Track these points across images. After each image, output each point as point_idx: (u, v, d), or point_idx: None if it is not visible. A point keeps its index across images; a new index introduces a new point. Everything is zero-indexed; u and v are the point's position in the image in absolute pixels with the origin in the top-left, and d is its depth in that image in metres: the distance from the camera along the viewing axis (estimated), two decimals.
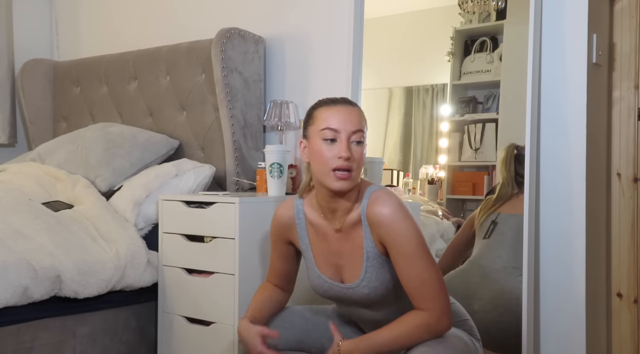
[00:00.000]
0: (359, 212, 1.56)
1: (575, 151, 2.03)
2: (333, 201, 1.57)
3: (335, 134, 1.52)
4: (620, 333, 2.20)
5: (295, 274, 1.79)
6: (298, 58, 2.68)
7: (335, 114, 1.53)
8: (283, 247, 1.74)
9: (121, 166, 2.58)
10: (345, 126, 1.52)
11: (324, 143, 1.52)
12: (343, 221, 1.58)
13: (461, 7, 2.42)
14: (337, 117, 1.52)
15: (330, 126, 1.52)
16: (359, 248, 1.56)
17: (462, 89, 2.48)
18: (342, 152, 1.50)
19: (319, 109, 1.57)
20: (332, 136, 1.52)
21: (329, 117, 1.53)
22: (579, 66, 2.03)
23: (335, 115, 1.53)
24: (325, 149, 1.52)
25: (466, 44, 2.48)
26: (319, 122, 1.54)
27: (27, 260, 1.98)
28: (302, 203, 1.68)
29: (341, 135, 1.52)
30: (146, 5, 3.26)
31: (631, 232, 2.18)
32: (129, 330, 2.28)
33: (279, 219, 1.71)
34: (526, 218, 2.00)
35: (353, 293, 1.59)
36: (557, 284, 2.06)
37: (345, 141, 1.51)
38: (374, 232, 1.53)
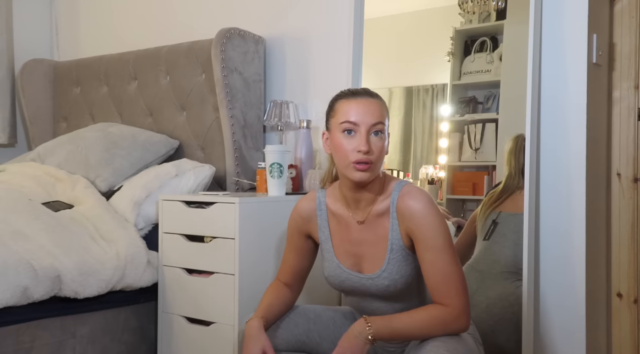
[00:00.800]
0: (387, 204, 1.57)
1: (575, 151, 2.03)
2: (357, 192, 1.59)
3: (355, 127, 1.53)
4: (620, 333, 2.20)
5: (307, 272, 1.79)
6: (298, 58, 2.69)
7: (354, 106, 1.53)
8: (300, 241, 1.75)
9: (121, 166, 2.59)
10: (365, 118, 1.52)
11: (344, 136, 1.53)
12: (367, 212, 1.60)
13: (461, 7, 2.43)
14: (356, 110, 1.53)
15: (349, 119, 1.52)
16: (383, 239, 1.58)
17: (462, 89, 2.48)
18: (360, 146, 1.51)
19: (340, 101, 1.57)
20: (351, 128, 1.53)
21: (349, 110, 1.53)
22: (579, 66, 2.03)
23: (355, 108, 1.53)
24: (345, 142, 1.53)
25: (466, 44, 2.48)
26: (339, 115, 1.55)
27: (27, 260, 1.98)
28: (324, 194, 1.70)
29: (360, 128, 1.52)
30: (146, 6, 3.26)
31: (631, 232, 2.18)
32: (129, 330, 2.28)
33: (300, 211, 1.73)
34: (526, 218, 2.00)
35: (372, 284, 1.59)
36: (557, 285, 2.06)
37: (365, 134, 1.52)
38: (403, 224, 1.55)
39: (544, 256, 2.08)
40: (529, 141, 2.02)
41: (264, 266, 2.14)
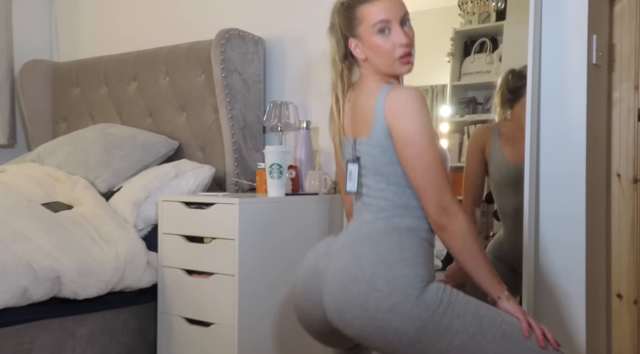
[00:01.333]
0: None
1: (575, 151, 2.03)
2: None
3: (388, 24, 1.56)
4: (620, 334, 2.20)
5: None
6: (298, 59, 2.68)
7: (381, 5, 1.56)
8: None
9: (121, 166, 2.58)
10: (394, 13, 1.57)
11: (380, 37, 1.56)
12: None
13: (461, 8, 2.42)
14: (383, 8, 1.56)
15: (382, 18, 1.55)
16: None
17: (461, 89, 2.48)
18: (401, 39, 1.55)
19: (362, 6, 1.58)
20: (385, 27, 1.56)
21: (378, 11, 1.56)
22: (578, 67, 2.03)
23: (381, 6, 1.56)
24: (383, 42, 1.56)
25: (466, 45, 2.48)
26: (370, 18, 1.56)
27: (26, 261, 1.98)
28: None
29: (393, 23, 1.56)
30: (146, 6, 3.26)
31: (631, 233, 2.18)
32: (128, 331, 2.28)
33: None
34: (526, 218, 2.00)
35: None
36: (556, 285, 2.06)
37: (399, 28, 1.56)
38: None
39: (543, 256, 2.08)
40: (528, 141, 2.02)
41: (264, 266, 2.13)
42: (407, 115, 1.49)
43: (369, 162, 1.57)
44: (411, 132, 1.49)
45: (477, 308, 1.47)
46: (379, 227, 1.55)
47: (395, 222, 1.55)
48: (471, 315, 1.45)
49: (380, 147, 1.54)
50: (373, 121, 1.53)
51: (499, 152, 2.18)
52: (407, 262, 1.47)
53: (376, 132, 1.53)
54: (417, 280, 1.45)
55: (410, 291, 1.43)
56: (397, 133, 1.50)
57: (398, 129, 1.50)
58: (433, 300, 1.43)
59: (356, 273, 1.48)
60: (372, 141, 1.55)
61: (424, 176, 1.49)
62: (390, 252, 1.49)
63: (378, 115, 1.52)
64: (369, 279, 1.46)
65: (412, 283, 1.44)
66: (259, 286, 2.11)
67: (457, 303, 1.45)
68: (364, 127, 1.56)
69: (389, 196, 1.56)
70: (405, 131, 1.49)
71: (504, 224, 2.21)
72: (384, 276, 1.45)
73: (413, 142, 1.49)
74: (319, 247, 1.65)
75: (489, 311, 1.47)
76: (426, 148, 1.48)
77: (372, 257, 1.49)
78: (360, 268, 1.48)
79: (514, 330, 1.46)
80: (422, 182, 1.50)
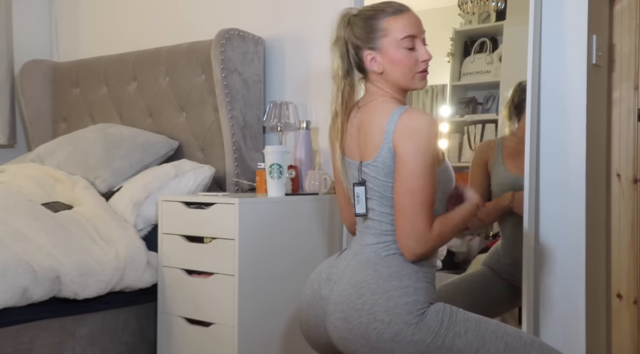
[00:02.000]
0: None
1: (575, 151, 2.03)
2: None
3: (414, 40, 1.58)
4: (620, 334, 2.20)
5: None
6: (298, 59, 2.68)
7: (407, 20, 1.58)
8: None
9: (121, 166, 2.58)
10: (419, 29, 1.60)
11: (405, 51, 1.58)
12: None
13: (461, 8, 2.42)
14: (411, 23, 1.58)
15: (409, 33, 1.57)
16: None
17: (461, 89, 2.48)
18: (424, 55, 1.59)
19: (388, 19, 1.58)
20: (412, 43, 1.58)
21: (407, 25, 1.58)
22: (578, 67, 2.03)
23: (407, 21, 1.58)
24: (407, 56, 1.58)
25: (466, 45, 2.47)
26: (396, 32, 1.57)
27: (26, 261, 1.98)
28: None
29: (418, 39, 1.59)
30: (146, 6, 3.26)
31: (631, 233, 2.18)
32: (128, 331, 2.28)
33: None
34: (526, 218, 2.00)
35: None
36: (556, 285, 2.06)
37: (422, 44, 1.60)
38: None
39: (543, 256, 2.08)
40: (528, 141, 2.02)
41: (264, 266, 2.13)
42: (413, 137, 1.48)
43: (375, 185, 1.55)
44: (410, 152, 1.47)
45: (478, 323, 1.48)
46: (379, 253, 1.54)
47: (396, 247, 1.54)
48: (472, 331, 1.46)
49: (385, 171, 1.53)
50: (381, 143, 1.52)
51: (500, 165, 2.18)
52: (406, 290, 1.47)
53: (383, 155, 1.52)
54: (416, 307, 1.45)
55: (411, 318, 1.44)
56: (398, 152, 1.49)
57: (401, 149, 1.49)
58: (434, 323, 1.44)
59: (356, 303, 1.48)
60: (378, 164, 1.53)
61: (405, 197, 1.47)
62: (390, 281, 1.49)
63: (387, 136, 1.51)
64: (369, 309, 1.46)
65: (412, 310, 1.45)
66: (259, 286, 2.11)
67: (458, 322, 1.46)
68: (370, 150, 1.55)
69: (393, 221, 1.54)
70: (406, 150, 1.48)
71: (502, 235, 2.21)
72: (384, 305, 1.45)
73: (408, 162, 1.47)
74: (321, 270, 1.64)
75: (489, 325, 1.48)
76: (418, 172, 1.46)
77: (371, 286, 1.49)
78: (360, 298, 1.48)
79: (516, 341, 1.47)
80: (400, 205, 1.48)
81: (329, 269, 1.62)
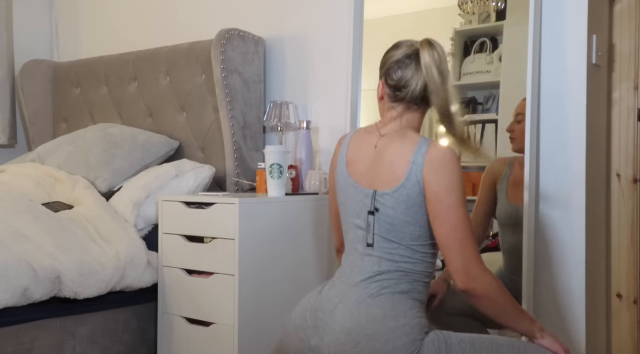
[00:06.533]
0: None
1: (575, 151, 2.03)
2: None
3: None
4: (620, 334, 2.20)
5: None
6: (298, 58, 2.69)
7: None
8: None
9: (121, 166, 2.59)
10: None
11: None
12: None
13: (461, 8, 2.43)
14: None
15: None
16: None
17: (461, 89, 2.48)
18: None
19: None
20: None
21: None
22: (578, 67, 2.03)
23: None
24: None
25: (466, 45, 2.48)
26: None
27: (26, 261, 1.98)
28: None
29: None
30: (146, 6, 3.26)
31: (631, 232, 2.18)
32: (128, 331, 2.28)
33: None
34: (526, 218, 2.01)
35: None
36: (556, 285, 2.06)
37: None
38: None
39: (543, 256, 2.08)
40: (528, 141, 2.02)
41: (264, 266, 2.14)
42: (447, 172, 1.47)
43: (389, 216, 1.51)
44: (447, 188, 1.46)
45: (472, 343, 1.47)
46: (370, 294, 1.50)
47: (387, 286, 1.51)
48: (469, 352, 1.45)
49: (407, 203, 1.50)
50: (406, 174, 1.49)
51: (503, 192, 2.19)
52: (404, 330, 1.44)
53: (408, 187, 1.49)
54: (414, 345, 1.43)
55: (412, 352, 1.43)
56: (433, 188, 1.47)
57: (435, 184, 1.47)
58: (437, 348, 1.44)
59: (353, 352, 1.44)
60: (400, 196, 1.50)
61: (450, 234, 1.46)
62: (385, 323, 1.45)
63: (415, 168, 1.49)
64: None
65: (411, 348, 1.43)
66: (259, 286, 2.11)
67: (453, 346, 1.45)
68: (389, 179, 1.52)
69: (395, 258, 1.52)
70: (443, 186, 1.47)
71: (503, 257, 2.21)
72: (383, 350, 1.43)
73: (446, 197, 1.46)
74: (305, 315, 1.57)
75: (482, 342, 1.48)
76: (457, 206, 1.46)
77: (367, 332, 1.45)
78: (357, 347, 1.44)
79: (510, 350, 1.48)
80: (447, 241, 1.47)
81: (313, 313, 1.55)
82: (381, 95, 1.63)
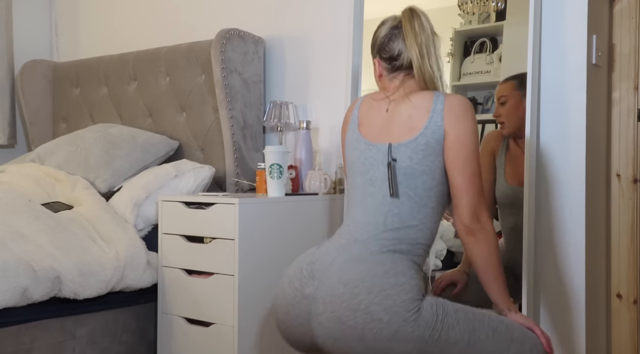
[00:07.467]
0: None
1: (575, 151, 2.03)
2: None
3: None
4: (620, 334, 2.20)
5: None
6: (298, 59, 2.69)
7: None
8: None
9: (121, 166, 2.58)
10: None
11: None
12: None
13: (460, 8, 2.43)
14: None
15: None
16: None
17: (461, 89, 2.47)
18: None
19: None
20: None
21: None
22: (578, 67, 2.03)
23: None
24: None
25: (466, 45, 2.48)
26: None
27: (26, 261, 1.98)
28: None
29: None
30: (146, 6, 3.26)
31: (631, 233, 2.18)
32: (128, 331, 2.28)
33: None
34: (526, 218, 2.01)
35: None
36: (556, 285, 2.06)
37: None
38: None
39: (543, 256, 2.08)
40: (528, 141, 2.02)
41: (264, 266, 2.14)
42: (468, 118, 1.54)
43: (404, 167, 1.54)
44: (469, 134, 1.53)
45: (466, 313, 1.48)
46: (371, 250, 1.51)
47: (388, 245, 1.52)
48: (463, 321, 1.46)
49: (425, 152, 1.53)
50: (425, 123, 1.54)
51: (502, 169, 2.20)
52: (403, 288, 1.45)
53: (427, 135, 1.53)
54: (413, 304, 1.43)
55: (409, 315, 1.42)
56: (455, 134, 1.52)
57: (457, 129, 1.52)
58: (430, 317, 1.44)
59: (351, 302, 1.44)
60: (417, 145, 1.53)
61: (470, 179, 1.52)
62: (386, 278, 1.45)
63: (434, 116, 1.53)
64: (365, 308, 1.42)
65: (410, 307, 1.43)
66: (259, 286, 2.11)
67: (449, 313, 1.46)
68: (406, 132, 1.56)
69: (403, 213, 1.54)
70: (465, 131, 1.53)
71: (503, 231, 2.22)
72: (382, 304, 1.42)
73: (469, 143, 1.53)
74: (301, 267, 1.56)
75: (475, 313, 1.49)
76: (476, 153, 1.54)
77: (366, 284, 1.44)
78: (355, 298, 1.44)
79: (500, 325, 1.49)
80: (465, 185, 1.52)
81: (309, 265, 1.54)
82: (379, 73, 1.68)
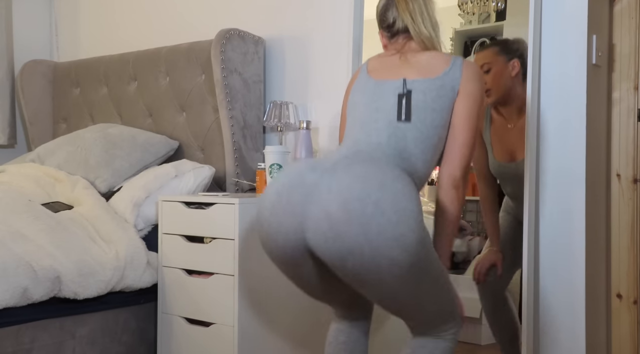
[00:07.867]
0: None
1: (575, 151, 2.03)
2: None
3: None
4: (620, 334, 2.20)
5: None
6: (298, 59, 2.68)
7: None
8: None
9: (121, 166, 2.58)
10: None
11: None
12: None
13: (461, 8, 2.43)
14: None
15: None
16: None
17: None
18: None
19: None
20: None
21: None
22: (578, 67, 2.03)
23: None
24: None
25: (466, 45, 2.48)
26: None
27: (26, 261, 1.98)
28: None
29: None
30: (146, 6, 3.26)
31: (631, 233, 2.18)
32: (128, 331, 2.28)
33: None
34: (526, 219, 2.01)
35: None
36: (557, 285, 2.06)
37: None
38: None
39: (543, 256, 2.08)
40: (528, 141, 2.02)
41: (264, 266, 2.13)
42: (480, 81, 1.67)
43: (417, 100, 1.61)
44: (479, 94, 1.65)
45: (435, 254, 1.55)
46: (384, 152, 1.58)
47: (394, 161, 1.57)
48: (436, 260, 1.54)
49: (439, 92, 1.62)
50: (445, 70, 1.64)
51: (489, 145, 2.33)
52: (411, 196, 1.41)
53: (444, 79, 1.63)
54: (420, 218, 1.41)
55: (416, 225, 1.39)
56: (469, 90, 1.63)
57: (471, 86, 1.63)
58: (426, 240, 1.47)
59: (360, 192, 1.36)
60: (433, 84, 1.62)
61: (471, 135, 1.63)
62: (396, 182, 1.41)
63: (454, 68, 1.64)
64: (376, 201, 1.36)
65: (418, 217, 1.40)
66: (259, 286, 2.11)
67: (430, 245, 1.52)
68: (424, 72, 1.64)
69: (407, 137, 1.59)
70: (477, 90, 1.64)
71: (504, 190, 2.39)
72: (391, 203, 1.37)
73: (478, 102, 1.64)
74: (299, 164, 1.51)
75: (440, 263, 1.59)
76: (480, 114, 1.66)
77: (378, 180, 1.39)
78: (365, 189, 1.37)
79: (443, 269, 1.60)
80: (466, 139, 1.62)
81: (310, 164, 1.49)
82: (384, 43, 1.78)
